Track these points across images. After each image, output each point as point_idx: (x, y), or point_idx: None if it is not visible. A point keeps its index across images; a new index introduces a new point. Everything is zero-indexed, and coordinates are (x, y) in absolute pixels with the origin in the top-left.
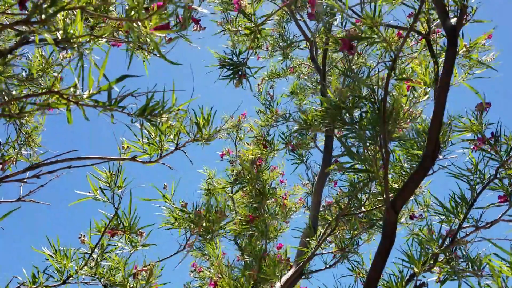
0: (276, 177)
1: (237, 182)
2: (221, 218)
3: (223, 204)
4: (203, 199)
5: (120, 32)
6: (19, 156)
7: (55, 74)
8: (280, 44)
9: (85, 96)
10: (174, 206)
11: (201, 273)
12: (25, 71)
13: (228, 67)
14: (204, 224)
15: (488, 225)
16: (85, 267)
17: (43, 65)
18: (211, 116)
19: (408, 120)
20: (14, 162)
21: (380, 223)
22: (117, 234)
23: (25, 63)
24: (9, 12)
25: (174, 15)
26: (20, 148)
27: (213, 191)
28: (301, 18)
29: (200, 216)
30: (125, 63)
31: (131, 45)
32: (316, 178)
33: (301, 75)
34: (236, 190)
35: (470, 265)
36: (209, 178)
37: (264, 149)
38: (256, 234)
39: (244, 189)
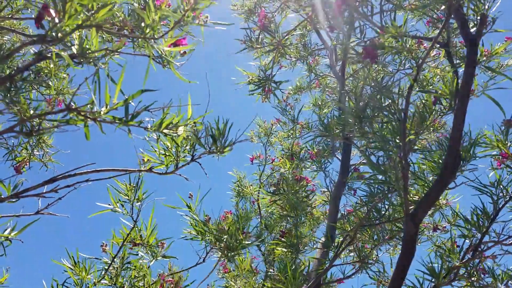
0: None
1: (276, 193)
2: (246, 238)
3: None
4: (234, 201)
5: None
6: (32, 157)
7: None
8: (302, 53)
9: (102, 113)
10: (197, 218)
11: (226, 274)
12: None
13: (255, 83)
14: (227, 242)
15: (510, 240)
16: (104, 279)
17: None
18: (226, 128)
19: (431, 130)
20: (28, 163)
21: (401, 234)
22: (137, 245)
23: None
24: (16, 17)
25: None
26: (32, 149)
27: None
28: (322, 27)
29: (224, 232)
30: (140, 73)
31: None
32: (334, 186)
33: (327, 89)
34: (273, 202)
35: (494, 280)
36: (238, 181)
37: (291, 161)
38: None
39: (279, 201)
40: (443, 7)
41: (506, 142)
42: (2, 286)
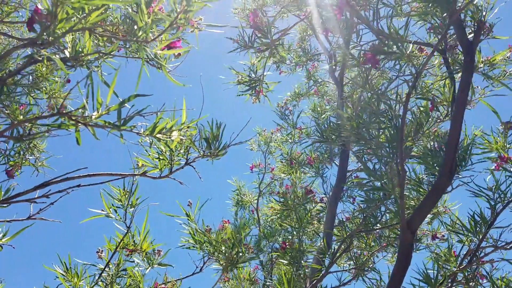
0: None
1: (284, 204)
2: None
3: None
4: (233, 210)
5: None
6: (24, 161)
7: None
8: (302, 57)
9: (94, 117)
10: (196, 227)
11: (226, 282)
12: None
13: (245, 83)
14: (226, 255)
15: (509, 246)
16: (97, 285)
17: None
18: (220, 131)
19: (428, 137)
20: (20, 168)
21: (397, 242)
22: (132, 252)
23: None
24: (7, 20)
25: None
26: (24, 153)
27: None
28: (319, 31)
29: (223, 244)
30: (134, 77)
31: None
32: (331, 191)
33: (325, 96)
34: (278, 211)
35: (492, 285)
36: (237, 189)
37: (290, 166)
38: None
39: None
40: (444, 14)
41: (505, 144)
42: None
